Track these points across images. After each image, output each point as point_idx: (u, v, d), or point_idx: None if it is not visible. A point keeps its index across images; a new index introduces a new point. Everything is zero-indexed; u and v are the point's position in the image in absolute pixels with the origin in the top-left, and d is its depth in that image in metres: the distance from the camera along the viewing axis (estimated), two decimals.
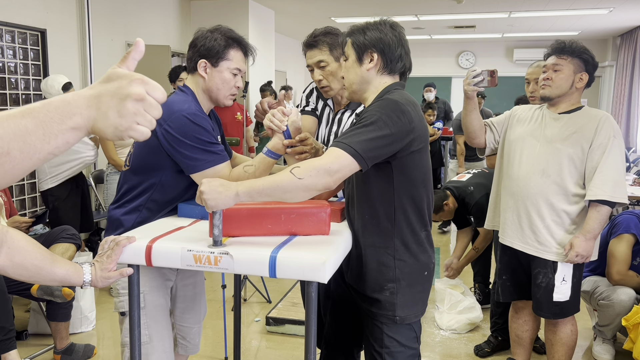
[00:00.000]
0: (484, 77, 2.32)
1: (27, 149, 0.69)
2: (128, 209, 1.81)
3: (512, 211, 2.47)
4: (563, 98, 2.38)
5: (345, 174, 1.48)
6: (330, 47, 2.01)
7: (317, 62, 2.03)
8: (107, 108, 0.73)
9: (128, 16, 5.67)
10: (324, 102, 2.24)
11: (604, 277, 3.08)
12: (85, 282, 1.42)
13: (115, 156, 3.95)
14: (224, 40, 1.80)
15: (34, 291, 2.76)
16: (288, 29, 9.52)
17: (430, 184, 1.70)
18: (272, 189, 1.43)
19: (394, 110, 1.53)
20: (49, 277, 1.37)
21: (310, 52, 2.05)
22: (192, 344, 2.09)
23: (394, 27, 1.67)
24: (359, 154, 1.46)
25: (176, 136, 1.70)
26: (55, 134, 0.71)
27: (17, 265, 1.30)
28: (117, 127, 0.74)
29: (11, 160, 0.69)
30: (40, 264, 1.34)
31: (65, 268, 1.39)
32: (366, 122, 1.52)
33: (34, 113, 0.70)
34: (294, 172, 1.43)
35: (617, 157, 2.28)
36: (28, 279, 1.36)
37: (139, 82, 0.74)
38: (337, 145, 1.49)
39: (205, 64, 1.81)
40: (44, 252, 1.36)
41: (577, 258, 2.29)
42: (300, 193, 1.44)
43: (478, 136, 2.58)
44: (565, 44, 2.35)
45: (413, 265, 1.65)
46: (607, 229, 3.15)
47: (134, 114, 0.74)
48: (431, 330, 3.47)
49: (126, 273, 1.49)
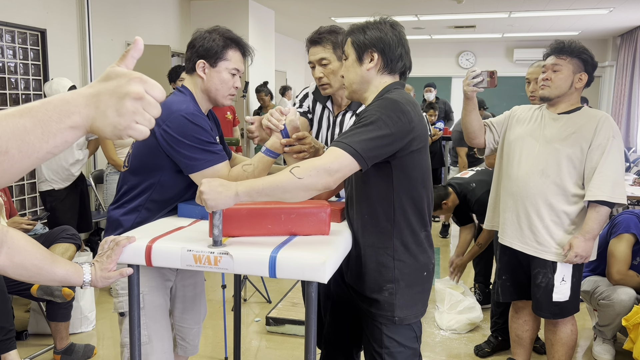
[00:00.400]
0: (484, 78, 2.32)
1: (25, 147, 0.69)
2: (127, 209, 1.81)
3: (511, 211, 2.47)
4: (562, 98, 2.38)
5: (345, 173, 1.47)
6: (334, 45, 2.02)
7: (319, 60, 2.04)
8: (105, 107, 0.72)
9: (128, 16, 5.67)
10: (323, 105, 2.23)
11: (604, 276, 3.08)
12: (85, 282, 1.42)
13: (115, 156, 3.95)
14: (222, 41, 1.80)
15: (34, 291, 2.76)
16: (288, 29, 9.53)
17: (430, 183, 1.69)
18: (271, 188, 1.43)
19: (393, 109, 1.53)
20: (49, 277, 1.37)
21: (313, 48, 2.06)
22: (192, 345, 2.09)
23: (394, 26, 1.67)
24: (358, 154, 1.46)
25: (175, 136, 1.70)
26: (54, 133, 0.70)
27: (17, 266, 1.30)
28: (116, 126, 0.73)
29: (9, 159, 0.69)
30: (40, 264, 1.34)
31: (65, 268, 1.39)
32: (366, 122, 1.51)
33: (32, 112, 0.70)
34: (293, 171, 1.43)
35: (616, 157, 2.27)
36: (28, 279, 1.36)
37: (137, 80, 0.73)
38: (337, 145, 1.49)
39: (204, 64, 1.81)
40: (44, 252, 1.36)
41: (576, 258, 2.29)
42: (300, 193, 1.44)
43: (478, 136, 2.58)
44: (565, 44, 2.34)
45: (412, 265, 1.65)
46: (607, 228, 3.15)
47: (133, 112, 0.73)
48: (431, 330, 3.47)
49: (126, 273, 1.49)
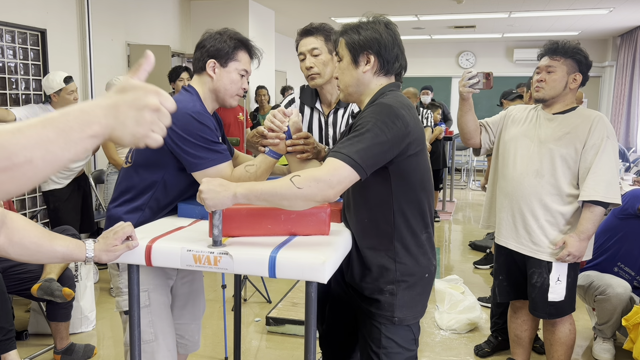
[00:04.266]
0: (479, 79, 2.33)
1: (49, 157, 0.74)
2: (130, 207, 1.81)
3: (506, 211, 2.47)
4: (557, 99, 2.39)
5: (346, 185, 1.45)
6: (326, 38, 2.05)
7: (311, 49, 2.05)
8: (125, 117, 0.80)
9: (128, 16, 5.67)
10: (312, 107, 2.21)
11: (598, 271, 3.08)
12: (88, 257, 1.43)
13: (115, 155, 3.96)
14: (233, 42, 1.84)
15: (34, 291, 2.76)
16: (288, 29, 9.53)
17: (430, 185, 1.68)
18: (270, 194, 1.42)
19: (388, 115, 1.50)
20: (50, 255, 1.38)
21: (305, 39, 2.07)
22: (192, 341, 2.09)
23: (388, 25, 1.64)
24: (357, 164, 1.44)
25: (180, 134, 1.71)
26: (76, 142, 0.76)
27: (16, 244, 1.32)
28: (135, 135, 0.81)
29: (34, 168, 0.73)
30: (39, 242, 1.36)
31: (65, 244, 1.40)
32: (362, 130, 1.49)
33: (54, 123, 0.75)
34: (293, 180, 1.41)
35: (611, 157, 2.27)
36: (29, 258, 1.37)
37: (154, 93, 0.82)
38: (335, 155, 1.46)
39: (214, 64, 1.83)
40: (42, 230, 1.38)
41: (568, 257, 2.29)
42: (299, 202, 1.43)
43: (473, 137, 2.58)
44: (558, 45, 2.35)
45: (413, 267, 1.64)
46: None
47: (151, 122, 0.82)
48: (431, 330, 3.47)
49: (133, 246, 1.48)
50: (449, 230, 6.23)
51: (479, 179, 10.34)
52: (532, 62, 10.45)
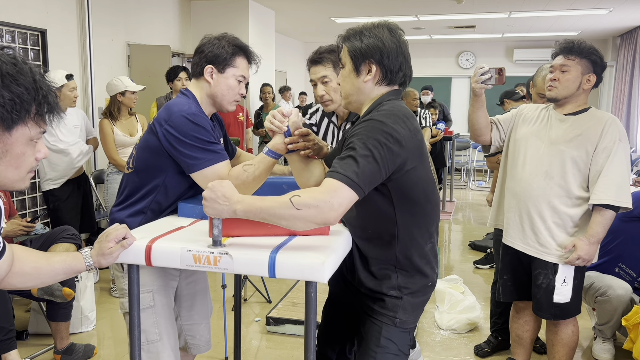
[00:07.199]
0: (492, 75, 2.28)
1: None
2: (133, 211, 1.82)
3: (514, 211, 2.46)
4: (570, 99, 2.35)
5: (347, 206, 1.42)
6: (334, 64, 2.16)
7: (320, 78, 2.18)
8: None
9: (128, 16, 5.67)
10: (329, 119, 2.36)
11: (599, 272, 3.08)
12: (88, 266, 1.44)
13: (115, 155, 3.95)
14: (231, 48, 1.84)
15: (34, 291, 2.76)
16: (288, 29, 9.53)
17: (435, 196, 1.65)
18: (269, 213, 1.39)
19: (380, 132, 1.45)
20: (51, 274, 1.39)
21: (314, 67, 2.19)
22: (203, 341, 2.10)
23: (392, 31, 1.58)
24: (355, 183, 1.40)
25: (176, 135, 1.72)
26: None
27: (18, 274, 1.34)
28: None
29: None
30: (37, 265, 1.37)
31: (62, 259, 1.41)
32: (353, 147, 1.45)
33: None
34: (293, 200, 1.38)
35: (622, 161, 2.24)
36: (34, 283, 1.39)
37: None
38: (332, 175, 1.42)
39: (212, 69, 1.83)
40: (37, 253, 1.40)
41: (578, 261, 2.28)
42: (298, 223, 1.39)
43: (484, 133, 2.55)
44: (574, 44, 2.30)
45: (416, 277, 1.64)
46: None
47: None
48: (431, 330, 3.47)
49: (127, 244, 1.48)
50: (449, 230, 6.24)
51: (479, 179, 10.34)
52: (532, 62, 10.46)
